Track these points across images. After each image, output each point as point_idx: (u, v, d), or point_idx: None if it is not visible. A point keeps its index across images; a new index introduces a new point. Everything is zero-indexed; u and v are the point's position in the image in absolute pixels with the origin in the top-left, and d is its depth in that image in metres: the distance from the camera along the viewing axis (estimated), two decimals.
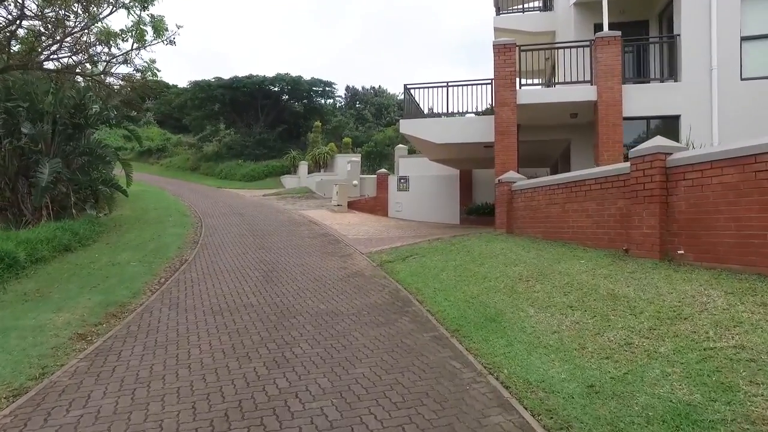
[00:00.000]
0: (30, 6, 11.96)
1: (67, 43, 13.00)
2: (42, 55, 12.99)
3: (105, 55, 13.69)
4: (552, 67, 14.97)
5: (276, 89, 38.46)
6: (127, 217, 13.93)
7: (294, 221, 14.86)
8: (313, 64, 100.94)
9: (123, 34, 12.33)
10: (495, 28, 15.28)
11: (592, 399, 3.28)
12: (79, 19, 12.25)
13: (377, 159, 30.29)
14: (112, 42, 12.57)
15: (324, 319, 5.62)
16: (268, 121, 38.58)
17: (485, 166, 16.04)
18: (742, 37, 9.62)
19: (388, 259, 8.91)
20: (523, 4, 16.77)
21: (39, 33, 12.72)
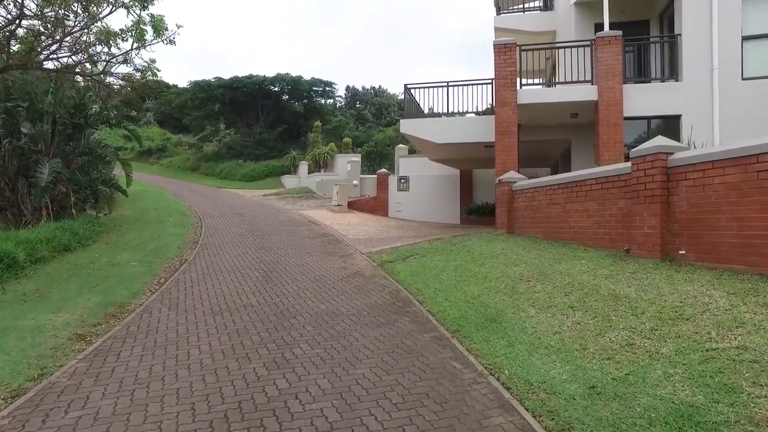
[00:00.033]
0: (29, 5, 11.96)
1: (66, 42, 13.00)
2: (41, 55, 12.98)
3: (105, 55, 13.69)
4: (552, 66, 14.95)
5: (276, 89, 38.45)
6: (127, 217, 13.92)
7: (294, 221, 14.84)
8: (313, 64, 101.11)
9: (123, 34, 12.31)
10: (495, 28, 15.26)
11: (594, 400, 3.26)
12: (78, 19, 12.25)
13: (377, 159, 30.28)
14: (111, 42, 12.55)
15: (324, 320, 5.60)
16: (268, 121, 38.57)
17: (485, 166, 16.03)
18: (744, 37, 9.60)
19: (388, 259, 8.89)
20: (523, 3, 16.75)
21: (38, 32, 12.71)
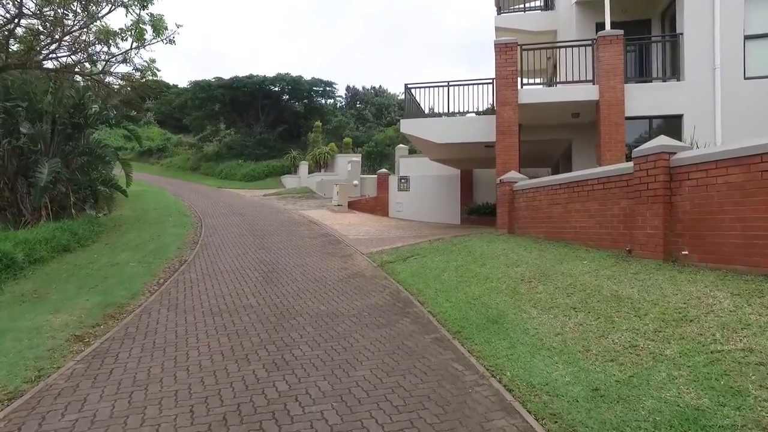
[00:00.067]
0: (28, 4, 11.94)
1: (66, 42, 12.95)
2: (41, 55, 12.93)
3: (104, 55, 13.64)
4: (553, 66, 14.92)
5: (276, 89, 38.39)
6: (127, 217, 13.87)
7: (294, 221, 14.80)
8: (313, 64, 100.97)
9: (122, 33, 12.27)
10: (496, 28, 15.22)
11: (597, 403, 3.22)
12: (78, 18, 12.21)
13: (378, 159, 30.25)
14: (111, 41, 12.52)
15: (324, 321, 5.56)
16: (268, 121, 38.53)
17: (486, 166, 15.99)
18: (746, 36, 9.55)
19: (388, 260, 8.85)
20: (524, 3, 16.70)
21: (38, 32, 12.66)
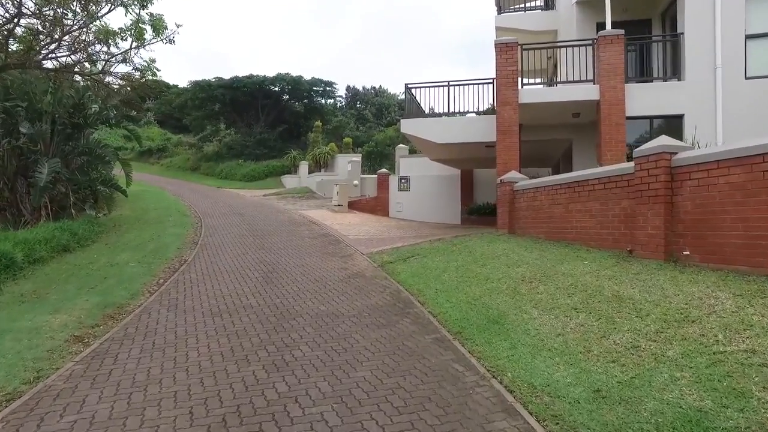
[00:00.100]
0: (27, 4, 11.93)
1: (65, 41, 12.95)
2: (40, 54, 12.92)
3: (104, 54, 13.64)
4: (554, 66, 14.90)
5: (276, 89, 38.36)
6: (127, 218, 13.86)
7: (294, 221, 14.78)
8: (313, 64, 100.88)
9: (122, 33, 12.27)
10: (497, 27, 15.19)
11: (599, 404, 3.20)
12: (77, 18, 12.19)
13: (378, 159, 30.23)
14: (111, 41, 12.52)
15: (324, 321, 5.54)
16: (268, 121, 38.51)
17: (486, 166, 15.97)
18: (747, 36, 9.52)
19: (389, 260, 8.83)
20: (524, 3, 16.68)
21: (37, 31, 12.65)
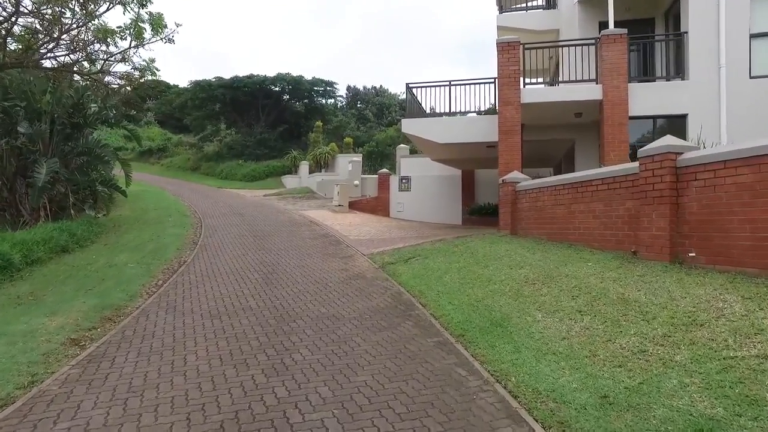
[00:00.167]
0: (25, 3, 11.87)
1: (64, 40, 12.89)
2: (39, 53, 12.85)
3: (103, 54, 13.56)
4: (556, 65, 14.80)
5: (277, 89, 38.27)
6: (126, 218, 13.79)
7: (294, 222, 14.70)
8: (313, 64, 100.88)
9: (121, 32, 12.21)
10: (498, 27, 15.11)
11: (606, 411, 3.12)
12: (76, 17, 12.13)
13: (378, 159, 30.14)
14: (110, 40, 12.45)
15: (325, 324, 5.46)
16: (269, 121, 38.42)
17: (488, 166, 15.89)
18: (751, 35, 9.43)
19: (390, 261, 8.75)
20: (526, 2, 16.60)
21: (35, 30, 12.59)
